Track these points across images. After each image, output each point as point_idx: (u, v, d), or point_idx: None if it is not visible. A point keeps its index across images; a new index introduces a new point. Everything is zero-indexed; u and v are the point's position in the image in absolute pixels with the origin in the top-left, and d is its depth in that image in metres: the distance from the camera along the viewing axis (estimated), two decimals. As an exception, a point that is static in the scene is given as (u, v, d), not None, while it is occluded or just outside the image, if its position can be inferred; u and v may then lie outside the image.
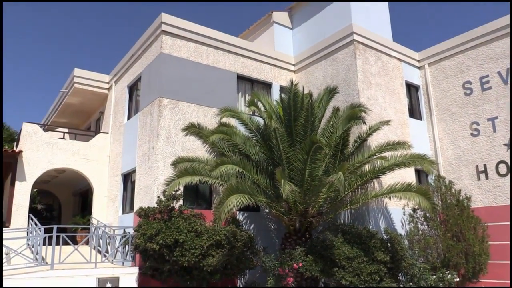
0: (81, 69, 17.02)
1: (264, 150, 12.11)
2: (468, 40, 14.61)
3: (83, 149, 15.66)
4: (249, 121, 12.68)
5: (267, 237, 13.21)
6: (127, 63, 15.52)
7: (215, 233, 9.83)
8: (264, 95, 13.00)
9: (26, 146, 14.73)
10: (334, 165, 11.92)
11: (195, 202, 12.47)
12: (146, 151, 12.71)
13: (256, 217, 13.34)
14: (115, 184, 14.79)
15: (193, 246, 9.55)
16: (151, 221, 10.21)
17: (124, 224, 12.84)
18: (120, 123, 15.48)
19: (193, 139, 12.72)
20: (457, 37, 14.95)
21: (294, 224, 11.44)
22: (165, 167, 12.01)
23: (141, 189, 12.55)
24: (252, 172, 11.15)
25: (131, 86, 15.31)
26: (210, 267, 9.61)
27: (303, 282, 11.05)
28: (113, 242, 11.73)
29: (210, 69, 13.74)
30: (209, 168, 11.39)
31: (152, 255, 9.81)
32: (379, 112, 13.56)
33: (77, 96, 17.71)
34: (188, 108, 12.98)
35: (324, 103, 12.49)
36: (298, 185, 10.71)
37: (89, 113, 19.68)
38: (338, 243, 10.29)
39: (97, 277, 9.82)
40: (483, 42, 14.23)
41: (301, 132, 11.25)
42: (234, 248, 10.10)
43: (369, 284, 9.77)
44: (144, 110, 13.38)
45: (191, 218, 10.32)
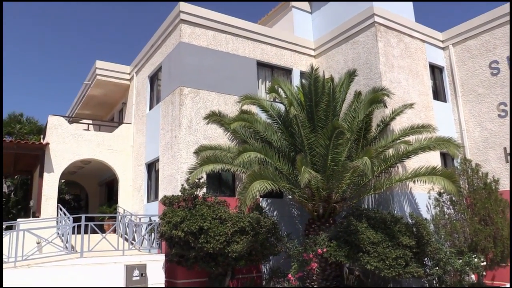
0: (103, 61, 17.26)
1: (285, 137, 12.08)
2: (495, 18, 14.13)
3: (107, 140, 15.94)
4: (270, 108, 12.64)
5: (291, 223, 13.25)
6: (147, 54, 15.63)
7: (239, 220, 9.91)
8: (285, 81, 12.94)
9: (53, 138, 15.07)
10: (357, 150, 11.82)
11: (218, 190, 12.58)
12: (168, 140, 12.84)
13: (279, 204, 13.38)
14: (140, 174, 15.03)
15: (218, 233, 9.66)
16: (176, 209, 10.36)
17: (149, 213, 13.07)
18: (142, 114, 15.66)
19: (214, 127, 12.78)
20: (483, 15, 14.49)
21: (318, 210, 11.43)
22: (188, 155, 12.13)
23: (165, 177, 12.72)
24: (274, 158, 11.15)
25: (152, 76, 15.44)
26: (235, 253, 9.71)
27: (328, 267, 11.07)
28: (139, 230, 11.97)
29: (229, 57, 13.71)
30: (231, 155, 11.46)
31: (177, 242, 9.97)
32: (402, 95, 13.31)
33: (100, 87, 17.97)
34: (209, 96, 13.02)
35: (345, 88, 12.34)
36: (321, 171, 10.67)
37: (112, 104, 19.96)
38: (362, 228, 10.24)
39: (125, 264, 10.05)
40: (511, 19, 13.75)
41: (322, 117, 11.16)
42: (258, 234, 10.17)
43: (394, 269, 9.71)
44: (166, 99, 13.49)
45: (215, 206, 10.42)
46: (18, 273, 9.07)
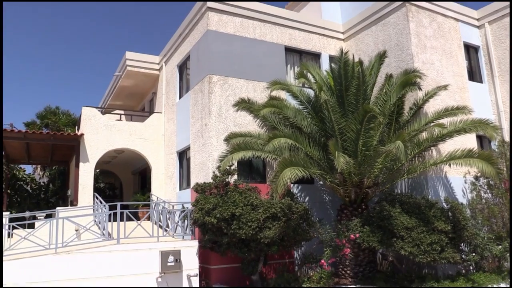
0: (132, 52, 17.49)
1: (315, 122, 11.97)
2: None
3: (139, 129, 16.24)
4: (299, 93, 12.54)
5: (322, 209, 13.20)
6: (175, 43, 15.73)
7: (270, 206, 9.94)
8: (314, 66, 12.79)
9: (87, 129, 15.47)
10: (389, 134, 11.60)
11: (249, 176, 12.64)
12: (199, 128, 12.96)
13: (311, 190, 13.33)
14: (171, 162, 15.27)
15: (250, 219, 9.73)
16: (208, 196, 10.48)
17: (182, 200, 13.29)
18: (172, 103, 15.84)
19: (244, 114, 12.79)
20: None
21: (350, 195, 11.33)
22: (218, 143, 12.21)
23: (196, 165, 12.87)
24: (304, 144, 11.10)
25: (180, 65, 15.55)
26: (267, 239, 9.76)
27: (360, 253, 11.01)
28: (172, 217, 12.19)
29: (257, 43, 13.63)
30: (262, 142, 11.47)
31: (210, 229, 10.11)
32: (436, 77, 12.92)
33: (130, 78, 18.26)
34: (238, 83, 13.02)
35: (375, 71, 12.10)
36: (352, 156, 10.55)
37: (142, 94, 20.28)
38: (395, 213, 10.09)
39: (160, 250, 10.28)
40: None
41: (353, 101, 11.00)
42: (290, 220, 10.18)
43: (429, 255, 9.56)
44: (195, 88, 13.58)
45: (246, 192, 10.48)
46: (59, 259, 9.43)
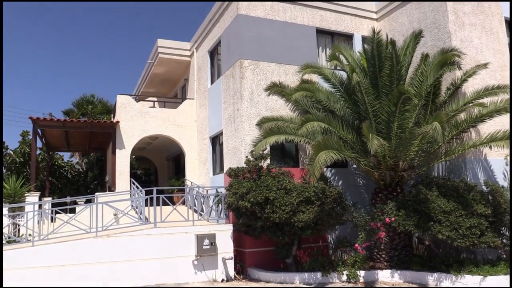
0: (164, 39, 17.65)
1: (349, 105, 11.78)
2: None
3: (172, 115, 16.48)
4: (332, 76, 12.34)
5: (356, 193, 13.07)
6: (206, 29, 15.75)
7: (304, 190, 9.92)
8: (346, 48, 12.53)
9: (122, 116, 15.82)
10: (425, 115, 11.28)
11: (282, 161, 12.63)
12: (231, 113, 13.01)
13: (344, 173, 13.20)
14: (205, 147, 15.44)
15: (283, 203, 9.75)
16: (241, 180, 10.55)
17: (216, 184, 13.46)
18: (204, 88, 15.94)
19: (276, 99, 12.74)
20: None
21: (384, 179, 11.15)
22: (250, 128, 12.24)
23: (229, 150, 12.97)
24: (338, 127, 10.96)
25: (211, 51, 15.58)
26: (301, 223, 9.77)
27: (396, 237, 10.86)
28: (207, 201, 12.38)
29: (288, 26, 13.46)
30: (294, 126, 11.41)
31: (244, 213, 10.20)
32: (475, 55, 12.40)
33: (162, 65, 18.47)
34: (269, 67, 12.94)
35: (410, 50, 11.72)
36: (387, 138, 10.34)
37: (174, 81, 20.50)
38: (433, 196, 9.86)
39: (195, 234, 10.48)
40: None
41: (387, 83, 10.73)
42: (324, 204, 10.14)
43: (468, 239, 9.32)
44: (226, 73, 13.60)
45: (280, 176, 10.49)
46: (99, 242, 9.78)
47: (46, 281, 9.14)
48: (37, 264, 9.19)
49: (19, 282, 8.94)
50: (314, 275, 10.20)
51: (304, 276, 10.23)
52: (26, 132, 19.37)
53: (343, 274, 10.15)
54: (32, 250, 9.30)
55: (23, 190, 13.10)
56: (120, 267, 9.77)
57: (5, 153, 19.24)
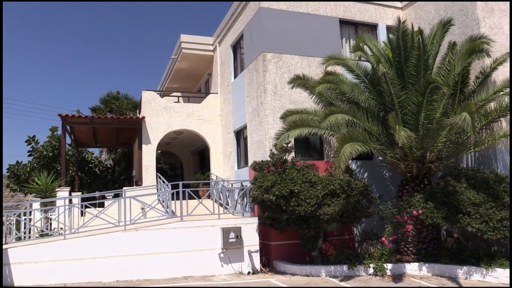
0: (187, 35, 17.77)
1: (374, 96, 11.62)
2: None
3: (196, 110, 16.61)
4: (356, 67, 12.18)
5: (382, 185, 12.91)
6: (228, 23, 15.77)
7: (329, 183, 9.86)
8: (370, 38, 12.34)
9: (147, 112, 16.05)
10: (453, 105, 11.03)
11: (306, 154, 12.59)
12: (255, 107, 13.02)
13: (370, 165, 13.06)
14: (229, 141, 15.52)
15: (308, 196, 9.72)
16: (266, 173, 10.57)
17: (241, 178, 13.52)
18: (227, 83, 15.99)
19: (299, 91, 12.67)
20: None
21: (411, 171, 10.98)
22: (274, 121, 12.23)
23: (254, 144, 13.00)
24: (362, 119, 10.84)
25: (234, 45, 15.60)
26: (327, 215, 9.73)
27: (424, 229, 10.70)
28: (232, 195, 12.46)
29: (310, 18, 13.34)
30: (318, 119, 11.34)
31: (269, 206, 10.22)
32: (505, 42, 12.00)
33: (186, 60, 18.61)
34: (292, 60, 12.88)
35: (438, 39, 11.43)
36: (413, 129, 10.17)
37: (198, 76, 20.63)
38: (461, 188, 9.65)
39: (221, 227, 10.58)
40: None
41: (413, 73, 10.52)
42: (349, 196, 10.07)
43: (499, 231, 9.09)
44: (249, 67, 13.60)
45: (304, 169, 10.45)
46: (127, 235, 10.00)
47: (78, 273, 9.41)
48: (70, 256, 9.47)
49: (52, 274, 9.24)
50: (340, 268, 10.16)
51: (330, 269, 10.21)
52: (55, 127, 19.88)
53: (369, 267, 10.08)
54: (64, 243, 9.59)
55: (54, 185, 13.48)
56: (148, 259, 9.97)
57: (35, 147, 19.82)
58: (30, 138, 19.74)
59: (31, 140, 19.78)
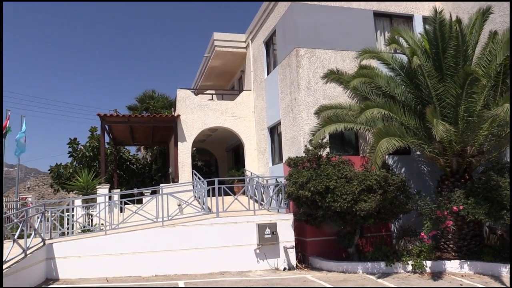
0: (220, 33, 17.90)
1: (410, 89, 11.35)
2: None
3: (230, 107, 16.74)
4: (391, 60, 11.93)
5: (420, 180, 12.60)
6: (260, 19, 15.77)
7: (365, 178, 9.73)
8: (406, 30, 12.06)
9: (182, 110, 16.31)
10: (494, 97, 10.60)
11: (341, 149, 12.45)
12: (288, 103, 12.98)
13: (407, 160, 12.78)
14: (263, 138, 15.56)
15: (344, 192, 9.63)
16: (301, 169, 10.54)
17: (275, 174, 13.53)
18: (260, 79, 16.01)
19: (333, 86, 12.54)
20: None
21: (451, 165, 10.66)
22: (308, 116, 12.16)
23: (288, 140, 12.97)
24: (399, 113, 10.61)
25: (267, 41, 15.59)
26: (363, 211, 9.60)
27: (465, 226, 10.38)
28: (267, 191, 12.50)
29: (343, 11, 13.15)
30: (353, 114, 11.20)
31: (305, 202, 10.19)
32: (551, 30, 11.41)
33: (219, 58, 18.76)
34: (325, 55, 12.75)
35: (477, 28, 11.02)
36: (453, 123, 9.87)
37: (231, 73, 20.76)
38: (505, 183, 9.29)
39: (257, 223, 10.64)
40: None
41: (451, 64, 10.21)
42: (387, 192, 9.89)
43: (547, 227, 8.70)
44: (282, 63, 13.56)
45: (340, 165, 10.35)
46: (165, 231, 10.21)
47: (118, 268, 9.70)
48: (110, 251, 9.77)
49: (94, 268, 9.57)
50: (378, 264, 10.02)
51: (367, 266, 10.08)
52: (95, 128, 20.54)
53: (408, 264, 9.88)
54: (105, 238, 9.90)
55: (94, 183, 13.96)
56: (185, 255, 10.15)
57: (77, 148, 20.56)
58: (72, 140, 20.47)
59: (72, 142, 20.51)
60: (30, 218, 9.75)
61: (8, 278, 7.42)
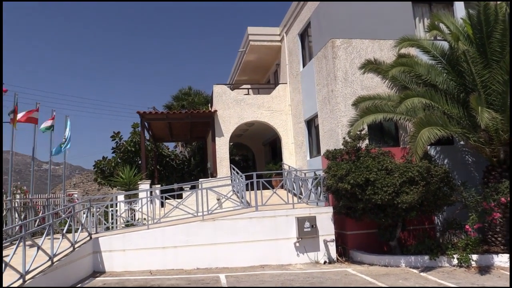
0: (254, 27, 17.89)
1: (452, 77, 10.95)
2: None
3: (266, 101, 16.73)
4: (432, 47, 11.52)
5: (465, 171, 12.16)
6: (294, 11, 15.63)
7: (407, 170, 9.48)
8: (446, 15, 11.62)
9: (219, 105, 16.45)
10: (544, 82, 10.06)
11: (380, 140, 12.19)
12: (325, 95, 12.82)
13: (450, 151, 12.36)
14: (300, 131, 15.46)
15: (385, 184, 9.42)
16: (340, 162, 10.40)
17: (313, 167, 13.43)
18: (296, 72, 15.90)
19: (371, 76, 12.27)
20: None
21: (498, 155, 10.22)
22: (346, 108, 11.97)
23: (325, 132, 12.83)
24: (441, 102, 10.27)
25: (301, 34, 15.44)
26: (405, 204, 9.38)
27: (514, 217, 9.93)
28: (305, 184, 12.42)
29: (381, -1, 12.81)
30: (393, 104, 10.93)
31: (344, 195, 10.06)
32: None
33: (254, 52, 18.76)
34: (362, 44, 12.49)
35: (525, 11, 10.46)
36: (499, 111, 9.47)
37: (266, 67, 20.72)
38: (558, 172, 8.81)
39: (296, 217, 10.60)
40: None
41: (497, 49, 9.77)
42: (429, 184, 9.60)
43: None
44: (318, 55, 13.40)
45: (380, 157, 10.14)
46: (205, 225, 10.36)
47: (161, 261, 9.94)
48: (153, 245, 10.02)
49: (138, 261, 9.85)
50: (421, 258, 9.77)
51: (410, 259, 9.85)
52: (137, 124, 21.11)
53: (453, 257, 9.59)
54: (147, 232, 10.16)
55: (136, 179, 14.33)
56: (226, 248, 10.27)
57: (119, 143, 21.23)
58: (115, 134, 21.13)
59: (116, 136, 21.16)
60: (77, 214, 10.12)
61: (59, 271, 7.77)
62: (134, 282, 8.55)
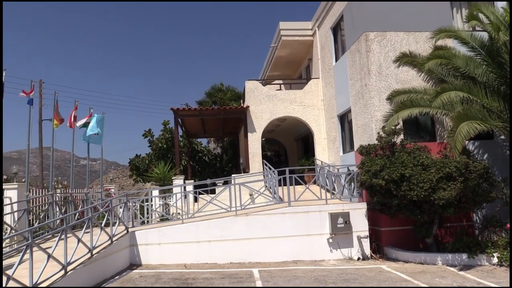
0: (285, 22, 17.80)
1: (492, 69, 10.55)
2: None
3: (298, 96, 16.64)
4: (470, 39, 11.14)
5: (506, 167, 11.70)
6: (326, 5, 15.44)
7: (444, 166, 9.23)
8: (486, 5, 11.20)
9: (251, 101, 16.49)
10: None
11: (416, 135, 11.91)
12: (358, 89, 12.63)
13: (490, 146, 11.94)
14: (333, 126, 15.31)
15: (421, 180, 9.21)
16: (374, 157, 10.24)
17: (346, 163, 13.28)
18: (329, 67, 15.72)
19: (406, 70, 12.00)
20: None
21: (541, 150, 9.79)
22: (380, 102, 11.75)
23: (359, 127, 12.65)
24: (480, 95, 9.93)
25: (334, 28, 15.24)
26: (442, 200, 9.13)
27: (559, 215, 9.51)
28: (338, 180, 12.31)
29: (416, -10, 12.47)
30: (429, 97, 10.68)
31: (378, 191, 9.90)
32: None
33: (286, 48, 18.67)
34: (397, 37, 12.21)
35: None
36: (543, 103, 9.03)
37: (298, 62, 20.59)
38: None
39: (329, 212, 10.53)
40: None
41: (541, 39, 9.31)
42: (468, 180, 9.31)
43: None
44: (351, 48, 13.20)
45: (415, 152, 9.92)
46: (239, 220, 10.44)
47: (195, 255, 10.10)
48: (187, 239, 10.20)
49: (173, 255, 10.04)
50: (459, 256, 9.51)
51: (447, 257, 9.61)
52: (167, 121, 21.48)
53: (493, 256, 9.28)
54: (182, 227, 10.34)
55: (170, 174, 14.60)
56: (259, 243, 10.32)
57: (152, 140, 21.67)
58: (146, 131, 21.58)
59: (148, 133, 21.60)
60: (114, 208, 10.41)
61: (98, 263, 8.02)
62: (170, 275, 8.73)
